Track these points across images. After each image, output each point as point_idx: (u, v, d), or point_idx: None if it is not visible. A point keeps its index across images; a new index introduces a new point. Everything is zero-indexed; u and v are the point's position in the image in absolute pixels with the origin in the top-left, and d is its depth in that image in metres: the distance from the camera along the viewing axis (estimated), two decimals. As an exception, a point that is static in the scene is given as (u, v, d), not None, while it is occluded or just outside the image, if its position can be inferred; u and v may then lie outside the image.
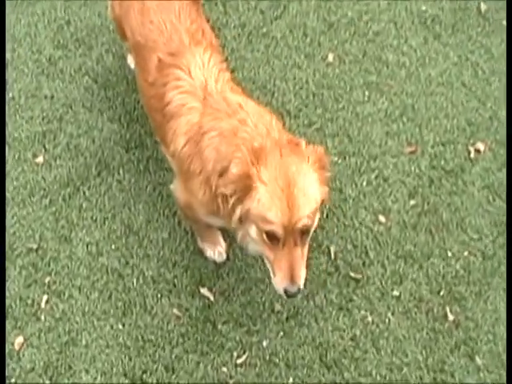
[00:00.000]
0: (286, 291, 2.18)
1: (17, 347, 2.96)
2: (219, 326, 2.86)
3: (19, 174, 3.39)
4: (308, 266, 2.65)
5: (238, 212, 2.16)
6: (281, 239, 2.10)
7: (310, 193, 2.09)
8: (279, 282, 2.19)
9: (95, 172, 3.42)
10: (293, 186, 2.05)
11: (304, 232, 2.12)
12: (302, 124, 3.39)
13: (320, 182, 2.13)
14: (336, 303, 2.88)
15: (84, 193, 3.37)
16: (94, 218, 3.31)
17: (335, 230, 3.01)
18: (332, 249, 2.98)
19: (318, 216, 2.19)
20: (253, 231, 2.19)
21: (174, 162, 2.63)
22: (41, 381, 2.88)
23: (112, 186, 3.38)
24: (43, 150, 3.49)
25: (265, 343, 2.83)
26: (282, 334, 2.84)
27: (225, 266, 3.00)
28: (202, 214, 2.52)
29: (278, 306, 2.89)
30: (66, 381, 2.88)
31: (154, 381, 2.85)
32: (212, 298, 2.94)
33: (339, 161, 3.23)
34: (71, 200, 3.36)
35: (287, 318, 2.86)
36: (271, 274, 2.22)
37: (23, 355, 2.94)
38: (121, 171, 3.41)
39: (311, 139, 3.30)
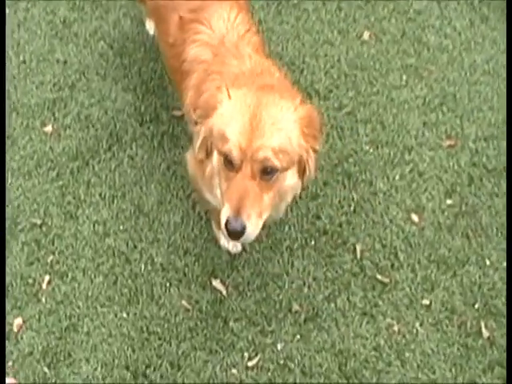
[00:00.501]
0: (227, 224, 1.96)
1: (15, 329, 2.85)
2: (231, 324, 2.69)
3: (26, 142, 3.29)
4: (332, 264, 2.47)
5: (202, 134, 2.07)
6: (236, 165, 1.95)
7: (283, 127, 1.94)
8: (223, 213, 1.98)
9: (106, 146, 3.29)
10: (263, 111, 1.94)
11: (266, 170, 1.95)
12: (332, 106, 3.21)
13: (303, 135, 1.99)
14: (359, 307, 2.68)
15: (93, 167, 3.24)
16: (103, 195, 3.17)
17: (362, 227, 2.81)
18: (358, 247, 2.78)
19: (294, 172, 2.07)
20: (215, 160, 2.06)
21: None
22: (39, 367, 2.78)
23: (123, 162, 3.24)
24: (52, 119, 3.38)
25: (279, 346, 2.66)
26: (298, 337, 2.66)
27: (240, 257, 2.82)
28: (204, 189, 2.39)
29: (296, 306, 2.70)
30: (65, 369, 2.77)
31: (158, 376, 2.72)
32: (224, 292, 2.76)
33: (370, 150, 3.02)
34: (79, 174, 3.23)
35: (305, 320, 2.68)
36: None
37: (21, 338, 2.83)
38: (133, 146, 3.27)
39: (341, 124, 3.16)
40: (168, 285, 2.86)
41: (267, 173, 1.95)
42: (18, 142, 3.25)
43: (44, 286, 2.96)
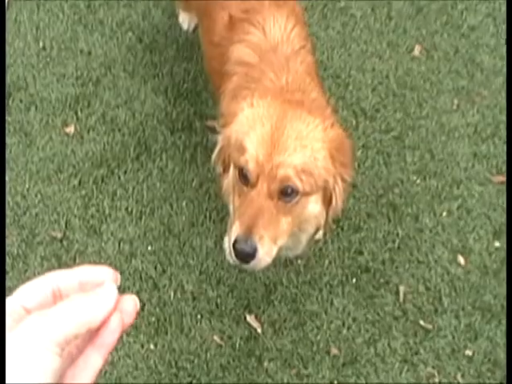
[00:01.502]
0: (235, 244, 1.84)
1: None
2: (265, 364, 2.71)
3: (46, 143, 3.20)
4: (373, 305, 2.47)
5: (220, 143, 2.01)
6: (251, 179, 1.85)
7: (309, 145, 1.85)
8: (232, 232, 1.87)
9: (133, 154, 3.24)
10: (287, 123, 1.87)
11: (286, 190, 1.85)
12: (379, 128, 3.22)
13: (331, 158, 1.90)
14: (400, 354, 2.71)
15: (119, 177, 3.20)
16: (129, 209, 3.14)
17: (406, 266, 2.82)
18: (401, 289, 2.79)
19: (318, 200, 1.97)
20: (231, 174, 1.98)
21: None
22: None
23: (152, 174, 3.20)
24: (75, 118, 3.31)
25: None
26: (336, 382, 2.66)
27: (276, 291, 2.82)
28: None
29: (334, 349, 2.73)
30: None
31: (186, 416, 2.65)
32: (259, 329, 2.79)
33: (418, 180, 3.01)
34: (104, 184, 3.19)
35: (343, 364, 2.72)
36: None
37: None
38: (163, 157, 3.23)
39: (387, 149, 3.16)
40: (199, 316, 2.87)
41: (287, 194, 1.86)
42: (37, 142, 3.17)
43: None
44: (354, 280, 2.88)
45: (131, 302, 0.85)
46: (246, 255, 1.83)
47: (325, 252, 2.92)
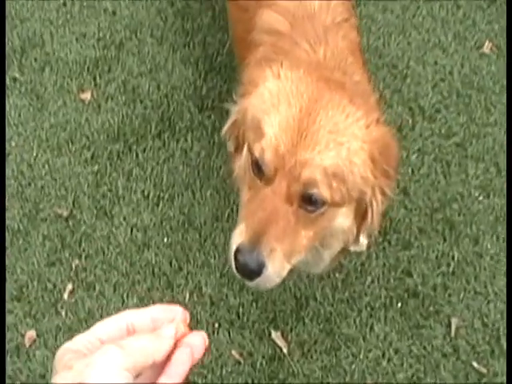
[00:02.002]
0: (236, 254, 1.51)
1: (27, 343, 2.58)
2: None
3: (59, 108, 2.99)
4: (420, 337, 2.15)
5: (233, 115, 1.69)
6: (267, 173, 1.50)
7: (345, 143, 1.50)
8: (236, 235, 1.54)
9: (155, 130, 2.96)
10: (321, 110, 1.52)
11: (310, 197, 1.50)
12: (439, 132, 2.89)
13: (371, 164, 1.54)
14: (449, 399, 2.32)
15: (137, 155, 2.92)
16: (146, 193, 2.85)
17: (461, 295, 2.47)
18: (454, 321, 2.45)
19: (349, 213, 1.63)
20: (244, 157, 1.65)
21: None
22: None
23: (175, 155, 2.91)
24: (92, 84, 3.06)
25: None
26: None
27: (308, 307, 2.45)
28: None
29: (370, 380, 2.30)
30: None
31: None
32: (285, 350, 2.47)
33: (480, 197, 2.67)
34: (119, 161, 2.92)
35: None
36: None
37: (34, 355, 2.57)
38: (188, 137, 2.93)
39: (447, 157, 2.82)
40: (217, 325, 2.58)
41: (310, 202, 1.51)
42: (49, 107, 2.97)
43: (65, 296, 2.68)
44: (400, 305, 2.53)
45: (200, 338, 0.90)
46: (249, 271, 1.49)
47: (367, 268, 2.57)
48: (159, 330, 0.87)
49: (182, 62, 3.09)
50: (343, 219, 1.61)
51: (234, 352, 2.53)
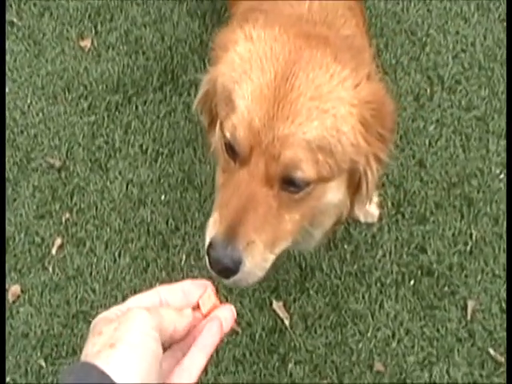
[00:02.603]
0: (209, 249, 1.24)
1: (10, 298, 2.31)
2: (290, 366, 2.05)
3: (57, 55, 2.71)
4: (433, 318, 1.84)
5: (204, 86, 1.38)
6: (240, 153, 1.23)
7: (330, 109, 1.20)
8: (210, 226, 1.28)
9: (157, 83, 2.64)
10: (300, 72, 1.21)
11: (292, 180, 1.22)
12: (458, 104, 2.54)
13: (363, 129, 1.25)
14: (461, 385, 1.97)
15: (136, 107, 2.61)
16: (144, 147, 2.54)
17: (478, 277, 2.13)
18: (470, 304, 2.10)
19: (340, 185, 1.34)
20: (217, 136, 1.37)
21: None
22: (34, 356, 2.23)
23: (176, 110, 2.59)
24: (93, 32, 2.76)
25: None
26: None
27: (314, 279, 2.08)
28: None
29: (378, 364, 2.04)
30: None
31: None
32: (287, 322, 2.12)
33: (501, 175, 2.41)
34: (118, 113, 2.61)
35: None
36: None
37: (17, 312, 2.30)
38: (192, 91, 2.57)
39: (467, 130, 2.48)
40: (212, 272, 2.05)
41: (293, 183, 1.23)
42: (47, 53, 2.70)
43: (54, 251, 2.38)
44: (412, 282, 2.20)
45: (229, 312, 0.91)
46: (224, 268, 1.22)
47: (379, 241, 2.24)
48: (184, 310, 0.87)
49: (189, 15, 2.75)
50: (334, 194, 1.33)
51: (231, 321, 2.11)
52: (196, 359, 0.85)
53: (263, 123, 1.18)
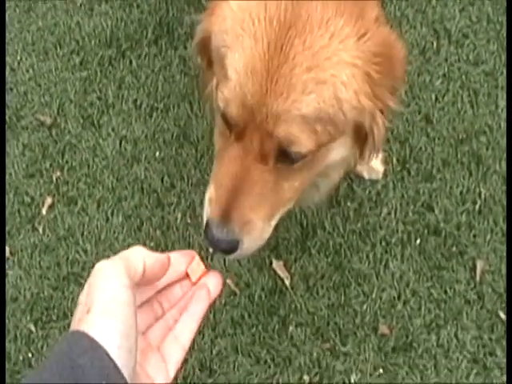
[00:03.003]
0: (206, 229, 1.15)
1: None
2: (290, 328, 1.86)
3: (48, 9, 2.52)
4: (440, 279, 1.76)
5: (199, 33, 1.22)
6: (234, 127, 1.11)
7: (328, 78, 1.05)
8: (206, 202, 1.19)
9: (152, 36, 2.44)
10: (296, 38, 1.04)
11: (285, 152, 1.10)
12: (466, 58, 2.34)
13: (369, 85, 1.10)
14: (470, 351, 1.85)
15: (130, 62, 2.41)
16: (138, 102, 2.34)
17: (488, 237, 1.94)
18: (479, 265, 1.90)
19: (345, 142, 1.20)
20: (213, 86, 1.27)
21: None
22: (23, 320, 2.05)
23: (172, 63, 2.39)
24: None
25: (353, 378, 1.85)
26: (381, 371, 1.83)
27: (316, 237, 1.90)
28: None
29: (383, 327, 1.86)
30: (57, 333, 2.02)
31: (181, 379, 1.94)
32: (287, 282, 1.94)
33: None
34: (111, 67, 2.41)
35: (394, 349, 1.86)
36: None
37: (5, 274, 2.11)
38: (188, 45, 2.38)
39: (475, 85, 2.27)
40: (211, 250, 1.94)
41: (289, 157, 1.11)
42: (37, 8, 2.51)
43: (44, 210, 2.18)
44: (419, 242, 2.00)
45: (215, 279, 0.90)
46: (221, 249, 1.15)
47: (383, 198, 2.03)
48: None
49: (184, -34, 2.51)
50: (338, 152, 1.20)
51: (229, 282, 2.00)
52: (187, 325, 0.86)
53: (256, 100, 1.04)
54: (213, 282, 0.90)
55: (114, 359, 0.69)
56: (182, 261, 0.89)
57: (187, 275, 0.90)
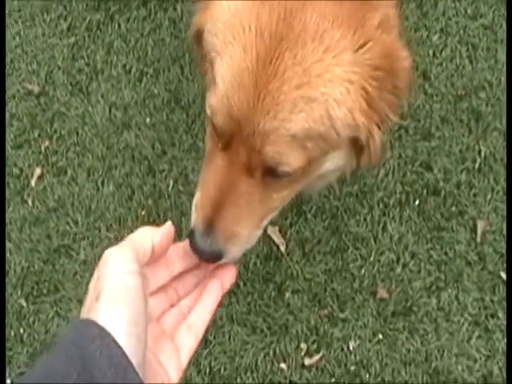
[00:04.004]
0: (190, 237, 1.00)
1: None
2: (287, 295, 1.72)
3: None
4: (440, 240, 1.63)
5: (193, 28, 1.09)
6: (221, 137, 1.00)
7: (320, 96, 0.92)
8: (193, 209, 1.08)
9: None
10: (284, 57, 0.90)
11: (272, 169, 0.98)
12: (464, 12, 2.09)
13: (366, 102, 0.97)
14: (471, 313, 1.68)
15: (119, 26, 2.19)
16: (128, 67, 2.14)
17: (488, 196, 1.76)
18: (480, 225, 1.74)
19: (340, 154, 1.07)
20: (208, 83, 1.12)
21: None
22: (14, 295, 1.89)
23: (162, 26, 2.17)
24: None
25: (352, 344, 1.69)
26: (380, 336, 1.69)
27: (311, 201, 1.67)
28: None
29: (382, 291, 1.74)
30: (48, 307, 1.87)
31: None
32: (283, 248, 1.79)
33: None
34: (99, 32, 2.19)
35: (393, 314, 1.71)
36: None
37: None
38: (178, 6, 2.17)
39: (473, 39, 2.06)
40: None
41: (277, 173, 1.00)
42: None
43: (33, 182, 2.01)
44: (417, 202, 1.84)
45: (230, 271, 0.88)
46: (205, 258, 0.96)
47: (381, 161, 1.74)
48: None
49: None
50: (332, 163, 1.08)
51: (223, 250, 1.72)
52: (202, 316, 0.83)
53: (242, 114, 0.93)
54: (227, 274, 0.88)
55: (123, 346, 0.65)
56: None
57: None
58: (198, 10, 1.07)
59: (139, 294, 0.70)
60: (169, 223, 0.82)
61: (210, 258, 0.97)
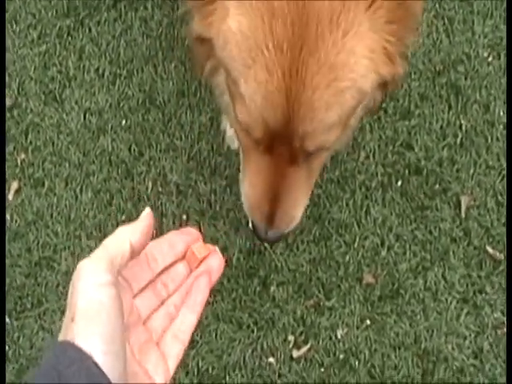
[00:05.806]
0: (255, 230, 1.29)
1: None
2: (272, 288, 1.84)
3: None
4: (424, 219, 1.76)
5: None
6: (261, 143, 1.10)
7: (344, 87, 0.99)
8: (247, 208, 1.26)
9: (110, 0, 2.31)
10: (308, 64, 0.95)
11: (311, 151, 1.10)
12: None
13: (385, 55, 1.02)
14: (459, 291, 1.75)
15: (89, 30, 2.28)
16: (101, 71, 2.23)
17: (471, 171, 1.84)
18: (464, 200, 1.82)
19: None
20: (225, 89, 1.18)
21: None
22: None
23: (133, 26, 2.26)
24: None
25: (340, 332, 1.77)
26: (368, 322, 1.80)
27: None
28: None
29: (368, 276, 1.86)
30: (32, 322, 1.95)
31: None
32: None
33: (489, 58, 2.14)
34: (70, 38, 2.28)
35: (380, 298, 1.80)
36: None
37: None
38: (149, 4, 2.26)
39: (449, 13, 2.13)
40: (185, 217, 1.98)
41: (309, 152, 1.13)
42: None
43: (10, 196, 2.10)
44: (400, 183, 1.90)
45: (217, 260, 0.88)
46: (270, 242, 1.39)
47: (360, 142, 1.96)
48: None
49: None
50: (361, 109, 1.18)
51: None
52: (187, 319, 0.84)
53: (280, 126, 1.02)
54: (214, 266, 0.88)
55: (101, 365, 0.67)
56: (178, 239, 0.86)
57: (192, 254, 0.86)
58: (195, 15, 1.09)
59: (114, 307, 0.71)
60: (147, 211, 0.81)
61: (274, 242, 1.27)
